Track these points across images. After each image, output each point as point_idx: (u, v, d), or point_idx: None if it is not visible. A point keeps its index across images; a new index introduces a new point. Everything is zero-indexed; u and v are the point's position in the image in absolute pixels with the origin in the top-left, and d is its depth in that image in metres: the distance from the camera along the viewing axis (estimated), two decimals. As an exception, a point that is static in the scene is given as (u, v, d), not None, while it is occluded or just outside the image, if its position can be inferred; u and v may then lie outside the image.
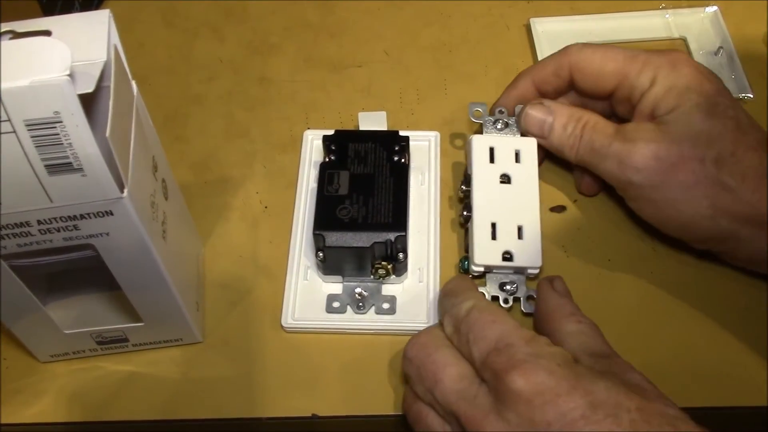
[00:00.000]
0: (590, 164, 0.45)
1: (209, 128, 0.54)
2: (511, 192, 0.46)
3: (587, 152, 0.45)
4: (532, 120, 0.47)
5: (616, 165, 0.43)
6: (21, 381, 0.44)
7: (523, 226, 0.45)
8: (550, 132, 0.46)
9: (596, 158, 0.44)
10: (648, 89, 0.44)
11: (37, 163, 0.30)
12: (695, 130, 0.42)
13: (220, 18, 0.60)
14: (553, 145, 0.47)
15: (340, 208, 0.44)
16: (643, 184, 0.42)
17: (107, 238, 0.35)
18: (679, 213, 0.42)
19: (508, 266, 0.44)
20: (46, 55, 0.28)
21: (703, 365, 0.43)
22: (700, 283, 0.46)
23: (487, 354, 0.35)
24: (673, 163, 0.41)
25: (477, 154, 0.47)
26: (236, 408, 0.43)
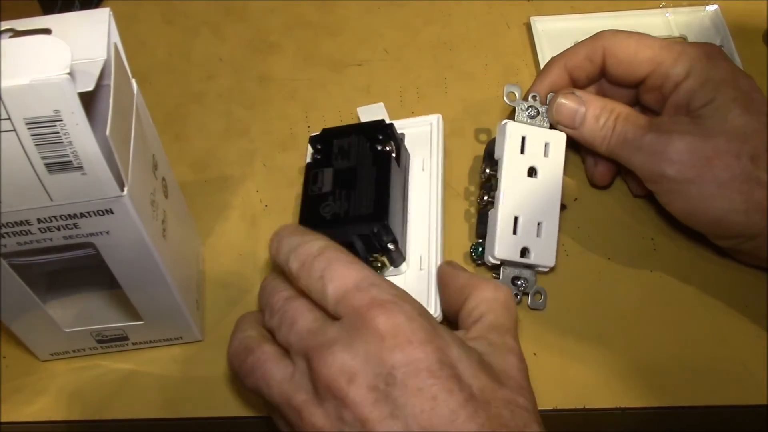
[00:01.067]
0: (621, 156, 0.44)
1: (209, 127, 0.54)
2: (535, 186, 0.45)
3: (619, 144, 0.44)
4: (564, 109, 0.46)
5: (649, 157, 0.42)
6: (21, 379, 0.44)
7: (542, 223, 0.44)
8: (582, 123, 0.45)
9: (628, 150, 0.43)
10: (683, 80, 0.43)
11: (37, 161, 0.30)
12: (731, 125, 0.41)
13: (220, 16, 0.60)
14: (583, 135, 0.45)
15: (323, 206, 0.43)
16: (676, 177, 0.41)
17: (107, 236, 0.35)
18: (712, 208, 0.41)
19: (523, 262, 0.44)
20: (46, 54, 0.28)
21: (703, 364, 0.43)
22: (701, 282, 0.46)
23: (346, 291, 0.33)
24: (709, 157, 0.41)
25: (510, 142, 0.45)
26: (236, 406, 0.43)
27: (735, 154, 0.40)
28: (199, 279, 0.46)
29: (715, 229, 0.43)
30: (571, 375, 0.43)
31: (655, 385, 0.42)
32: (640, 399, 0.42)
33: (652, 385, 0.42)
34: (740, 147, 0.41)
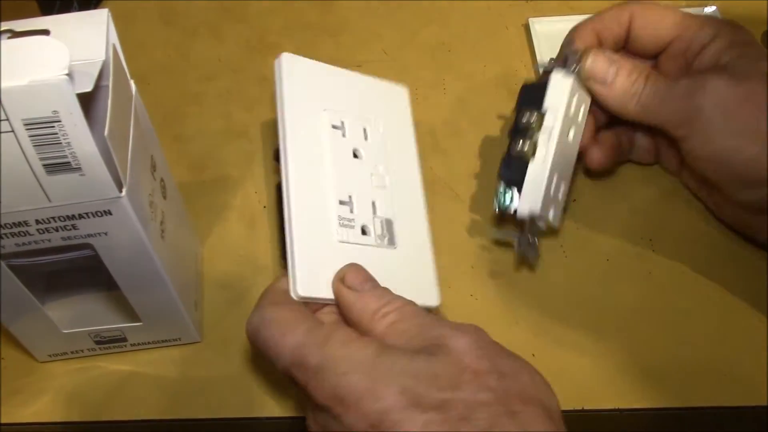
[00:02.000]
0: (652, 110, 0.43)
1: (208, 128, 0.54)
2: (569, 146, 0.45)
3: (650, 97, 0.43)
4: (598, 64, 0.44)
5: (684, 99, 0.42)
6: (19, 380, 0.44)
7: (562, 185, 0.45)
8: (615, 77, 0.44)
9: (660, 100, 0.43)
10: (710, 42, 0.44)
11: (35, 162, 0.30)
12: (763, 71, 0.41)
13: (219, 17, 0.60)
14: (614, 91, 0.44)
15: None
16: (714, 112, 0.41)
17: (106, 237, 0.35)
18: (747, 145, 0.40)
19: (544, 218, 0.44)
20: (45, 55, 0.28)
21: (702, 365, 0.43)
22: (699, 283, 0.46)
23: (289, 369, 0.34)
24: (749, 89, 0.40)
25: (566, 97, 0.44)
26: (235, 407, 0.43)
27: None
28: (198, 280, 0.46)
29: (744, 173, 0.41)
30: (570, 376, 0.43)
31: (654, 386, 0.42)
32: (639, 400, 0.42)
33: (651, 386, 0.42)
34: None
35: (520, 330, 0.44)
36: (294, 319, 0.35)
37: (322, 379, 0.32)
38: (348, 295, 0.37)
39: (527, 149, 0.44)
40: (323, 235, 0.39)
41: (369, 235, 0.41)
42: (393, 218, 0.42)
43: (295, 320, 0.35)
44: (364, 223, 0.41)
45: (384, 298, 0.36)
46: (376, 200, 0.42)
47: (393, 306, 0.36)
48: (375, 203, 0.41)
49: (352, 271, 0.38)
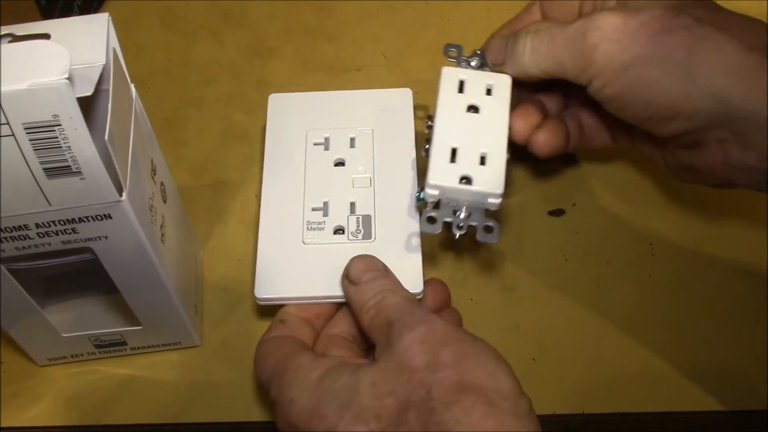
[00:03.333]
0: (551, 59, 0.41)
1: (208, 131, 0.54)
2: (477, 120, 0.43)
3: (545, 46, 0.41)
4: (492, 45, 0.44)
5: (579, 38, 0.39)
6: (19, 384, 0.44)
7: (487, 153, 0.41)
8: (507, 48, 0.43)
9: (556, 47, 0.40)
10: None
11: (35, 166, 0.30)
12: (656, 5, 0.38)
13: (219, 21, 0.60)
14: (514, 64, 0.43)
15: None
16: (609, 48, 0.38)
17: (106, 241, 0.35)
18: (651, 73, 0.38)
19: (467, 190, 0.40)
20: (45, 59, 0.28)
21: (702, 369, 0.43)
22: (699, 287, 0.46)
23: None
24: (643, 21, 0.38)
25: (445, 84, 0.44)
26: (235, 411, 0.42)
27: (672, 15, 0.37)
28: (198, 284, 0.46)
29: (654, 103, 0.38)
30: (570, 380, 0.43)
31: (655, 390, 0.42)
32: (639, 404, 0.42)
33: (652, 390, 0.42)
34: (677, 10, 0.38)
35: (519, 334, 0.44)
36: (272, 349, 0.37)
37: (277, 410, 0.34)
38: (347, 289, 0.39)
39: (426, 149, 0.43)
40: (289, 240, 0.44)
41: (343, 234, 0.44)
42: (374, 213, 0.45)
43: (273, 351, 0.37)
44: (339, 223, 0.44)
45: (373, 290, 0.37)
46: (356, 200, 0.45)
47: (374, 300, 0.37)
48: (354, 203, 0.45)
49: (354, 263, 0.39)
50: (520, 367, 0.43)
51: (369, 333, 0.37)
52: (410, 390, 0.31)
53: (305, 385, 0.34)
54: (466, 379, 0.32)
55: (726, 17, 0.38)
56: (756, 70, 0.36)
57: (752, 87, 0.36)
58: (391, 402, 0.31)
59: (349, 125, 0.48)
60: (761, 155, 0.37)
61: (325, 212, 0.45)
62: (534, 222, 0.49)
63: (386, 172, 0.46)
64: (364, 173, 0.46)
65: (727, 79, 0.36)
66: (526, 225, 0.48)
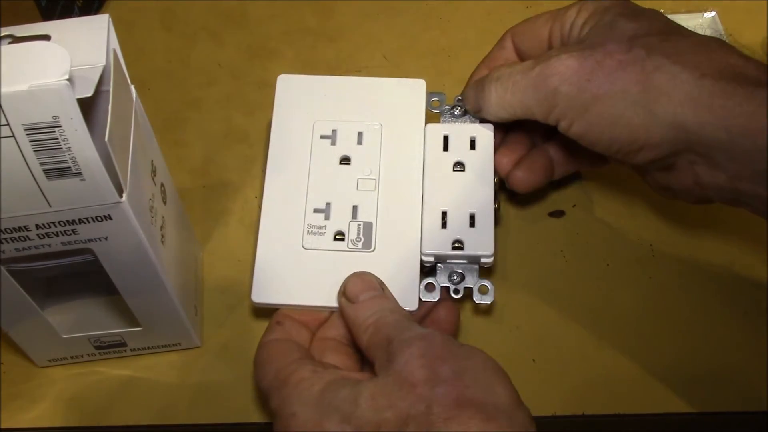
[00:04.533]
0: (518, 104, 0.42)
1: (208, 133, 0.54)
2: (464, 180, 0.44)
3: (510, 93, 0.42)
4: (468, 98, 0.45)
5: (540, 84, 0.40)
6: (19, 386, 0.44)
7: (475, 213, 0.43)
8: (482, 99, 0.44)
9: (520, 93, 0.41)
10: (575, 18, 0.43)
11: (35, 167, 0.30)
12: (620, 30, 0.39)
13: (219, 22, 0.60)
14: (489, 112, 0.44)
15: None
16: (569, 91, 0.39)
17: (106, 242, 0.35)
18: (611, 110, 0.38)
19: (460, 255, 0.42)
20: (45, 60, 0.28)
21: (702, 370, 0.43)
22: (699, 288, 0.46)
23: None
24: (598, 60, 0.39)
25: (430, 143, 0.45)
26: (235, 413, 0.42)
27: (625, 49, 0.38)
28: (198, 285, 0.46)
29: (621, 139, 0.39)
30: (570, 381, 0.43)
31: (655, 391, 0.42)
32: (639, 405, 0.42)
33: (652, 392, 0.42)
34: (630, 43, 0.38)
35: (520, 335, 0.44)
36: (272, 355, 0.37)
37: (277, 422, 0.34)
38: (345, 308, 0.39)
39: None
40: (289, 244, 0.43)
41: (344, 241, 0.43)
42: (376, 221, 0.43)
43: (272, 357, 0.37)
44: (340, 228, 0.43)
45: (370, 310, 0.38)
46: (359, 204, 0.44)
47: (372, 318, 0.37)
48: (357, 207, 0.44)
49: (351, 282, 0.40)
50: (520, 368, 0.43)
51: (367, 351, 0.37)
52: (410, 404, 0.32)
53: (307, 400, 0.34)
54: (465, 395, 0.32)
55: (678, 43, 0.38)
56: (708, 97, 0.36)
57: (706, 114, 0.36)
58: (391, 415, 0.32)
59: (358, 117, 0.46)
60: (729, 176, 0.37)
61: (326, 215, 0.43)
62: (534, 223, 0.49)
63: (392, 176, 0.45)
64: (369, 175, 0.45)
65: (683, 109, 0.37)
66: (527, 226, 0.48)
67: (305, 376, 0.35)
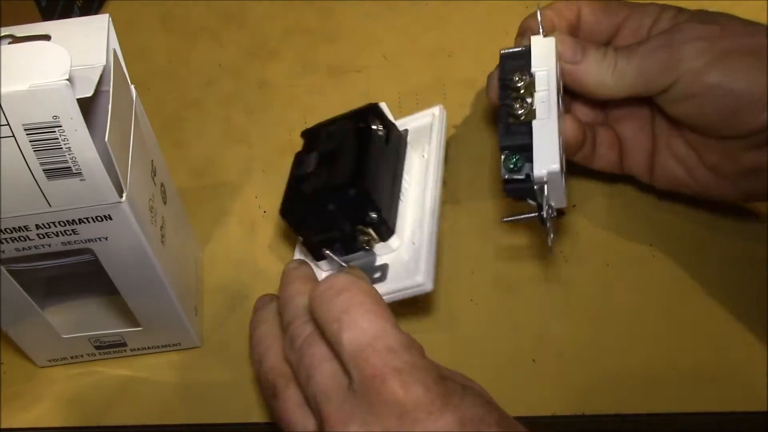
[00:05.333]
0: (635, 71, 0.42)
1: (208, 133, 0.54)
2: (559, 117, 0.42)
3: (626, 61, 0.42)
4: (565, 44, 0.43)
5: (663, 45, 0.41)
6: (19, 386, 0.44)
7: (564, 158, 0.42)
8: (584, 55, 0.43)
9: (639, 59, 0.41)
10: (659, 15, 0.44)
11: (35, 167, 0.30)
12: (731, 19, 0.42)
13: (219, 23, 0.60)
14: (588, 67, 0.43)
15: (304, 184, 0.42)
16: (699, 45, 0.40)
17: (106, 242, 0.35)
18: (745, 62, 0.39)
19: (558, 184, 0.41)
20: (46, 60, 0.28)
21: (702, 370, 0.43)
22: (699, 288, 0.46)
23: (361, 350, 0.31)
24: (722, 25, 0.40)
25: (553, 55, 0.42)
26: (235, 413, 0.42)
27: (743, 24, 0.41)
28: (198, 285, 0.46)
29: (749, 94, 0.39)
30: (570, 381, 0.43)
31: (655, 391, 0.42)
32: (639, 405, 0.42)
33: (652, 392, 0.42)
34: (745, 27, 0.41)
35: (519, 335, 0.44)
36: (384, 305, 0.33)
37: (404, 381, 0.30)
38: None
39: (526, 111, 0.41)
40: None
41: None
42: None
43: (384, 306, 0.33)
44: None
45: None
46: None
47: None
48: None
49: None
50: (520, 369, 0.43)
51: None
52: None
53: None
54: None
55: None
56: None
57: None
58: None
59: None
60: None
61: None
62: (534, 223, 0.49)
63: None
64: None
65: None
66: (526, 226, 0.48)
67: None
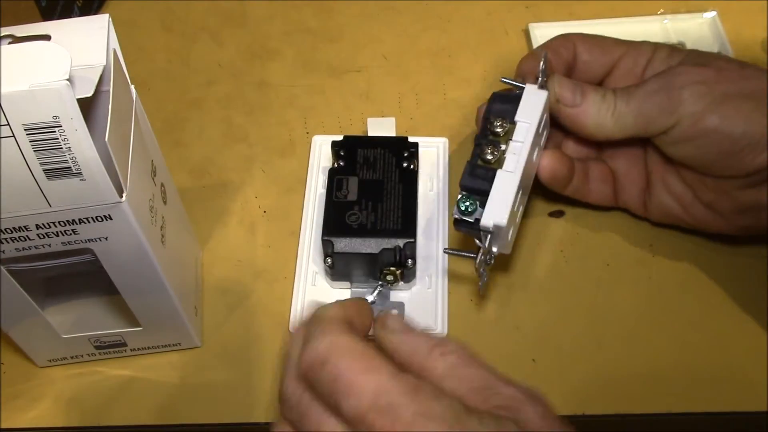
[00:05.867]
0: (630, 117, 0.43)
1: (208, 133, 0.54)
2: (530, 168, 0.43)
3: (626, 105, 0.43)
4: (565, 87, 0.44)
5: (662, 88, 0.42)
6: (19, 386, 0.44)
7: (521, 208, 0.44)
8: (583, 98, 0.44)
9: (638, 102, 0.42)
10: (654, 54, 0.45)
11: (36, 167, 0.30)
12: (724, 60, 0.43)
13: (219, 22, 0.60)
14: (588, 110, 0.44)
15: (349, 214, 0.44)
16: (697, 89, 0.41)
17: (106, 242, 0.35)
18: (744, 106, 0.40)
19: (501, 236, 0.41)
20: (46, 60, 0.28)
21: (702, 370, 0.43)
22: (699, 288, 0.46)
23: (364, 416, 0.28)
24: (717, 69, 0.41)
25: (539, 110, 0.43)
26: (235, 413, 0.42)
27: (739, 66, 0.42)
28: (198, 285, 0.46)
29: (748, 135, 0.40)
30: (570, 381, 0.43)
31: (655, 391, 0.42)
32: (639, 405, 0.42)
33: (652, 391, 0.42)
34: (740, 71, 0.41)
35: (520, 335, 0.44)
36: (375, 356, 0.30)
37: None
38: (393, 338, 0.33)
39: (496, 158, 0.42)
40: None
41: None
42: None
43: (377, 357, 0.30)
44: None
45: (434, 338, 0.33)
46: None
47: (451, 347, 0.32)
48: None
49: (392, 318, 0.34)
50: (520, 368, 0.43)
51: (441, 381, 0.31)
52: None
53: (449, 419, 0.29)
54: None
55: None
56: None
57: None
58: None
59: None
60: None
61: None
62: (534, 223, 0.49)
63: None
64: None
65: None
66: (527, 226, 0.48)
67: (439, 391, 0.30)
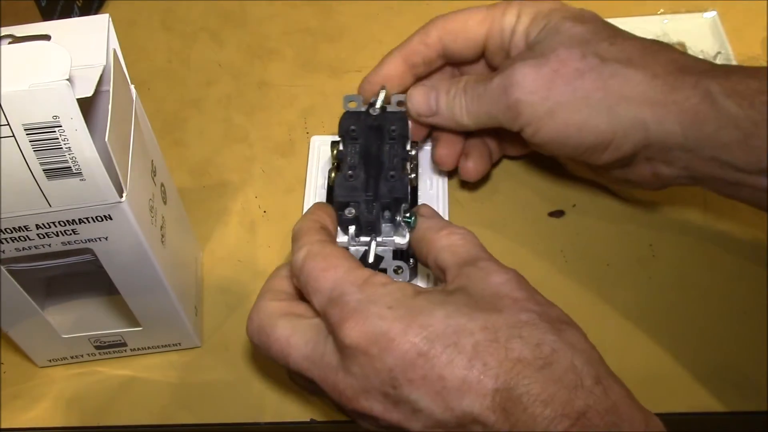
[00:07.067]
0: (485, 114, 0.43)
1: (208, 133, 0.54)
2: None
3: (476, 104, 0.43)
4: (418, 98, 0.45)
5: (502, 94, 0.42)
6: (19, 386, 0.44)
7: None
8: (437, 103, 0.45)
9: (486, 104, 0.43)
10: (515, 24, 0.44)
11: (36, 167, 0.30)
12: (568, 35, 0.41)
13: (219, 22, 0.60)
14: (444, 114, 0.45)
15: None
16: (531, 100, 0.41)
17: (106, 242, 0.35)
18: (577, 116, 0.40)
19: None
20: (46, 60, 0.28)
21: (702, 370, 0.43)
22: (699, 288, 0.46)
23: (324, 307, 0.34)
24: (554, 68, 0.41)
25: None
26: (235, 413, 0.42)
27: (579, 56, 0.40)
28: (198, 285, 0.46)
29: (590, 143, 0.41)
30: (570, 381, 0.43)
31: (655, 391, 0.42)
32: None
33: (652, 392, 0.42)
34: (582, 49, 0.41)
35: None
36: (336, 255, 0.36)
37: (358, 318, 0.32)
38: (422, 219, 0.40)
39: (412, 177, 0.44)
40: None
41: None
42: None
43: (337, 257, 0.36)
44: None
45: (448, 223, 0.39)
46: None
47: (461, 230, 0.38)
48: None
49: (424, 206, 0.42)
50: (520, 369, 0.43)
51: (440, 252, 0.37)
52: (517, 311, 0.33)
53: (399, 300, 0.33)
54: (566, 318, 0.35)
55: (625, 47, 0.41)
56: (662, 95, 0.39)
57: (662, 111, 0.39)
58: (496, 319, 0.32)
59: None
60: (683, 165, 0.40)
61: None
62: (534, 223, 0.49)
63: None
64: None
65: (642, 109, 0.39)
66: (526, 226, 0.48)
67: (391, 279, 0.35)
